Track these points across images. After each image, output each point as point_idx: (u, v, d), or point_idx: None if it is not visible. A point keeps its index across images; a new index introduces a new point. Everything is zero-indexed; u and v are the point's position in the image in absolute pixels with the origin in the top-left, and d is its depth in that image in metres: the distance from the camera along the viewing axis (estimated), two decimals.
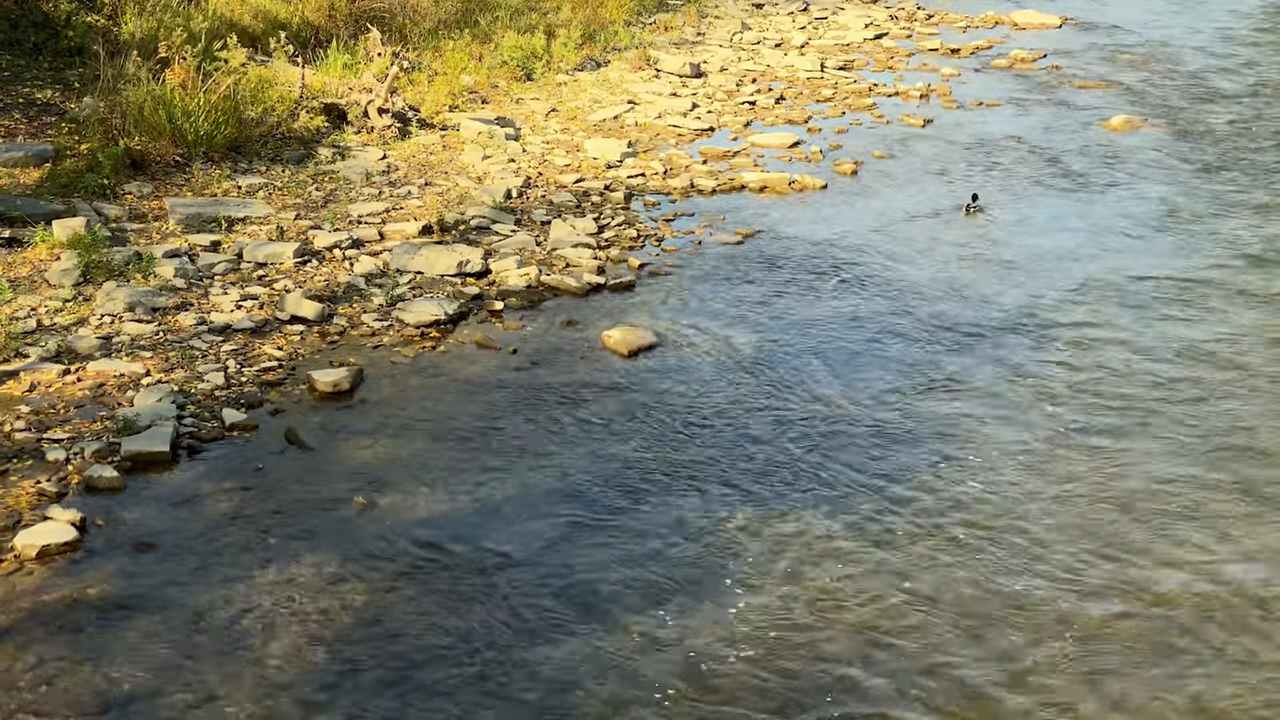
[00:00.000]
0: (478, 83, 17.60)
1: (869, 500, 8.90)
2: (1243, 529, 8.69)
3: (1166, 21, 22.93)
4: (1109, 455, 9.52)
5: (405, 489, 8.85)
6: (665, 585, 7.97)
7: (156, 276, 11.44)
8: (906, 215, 14.09)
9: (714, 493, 8.95)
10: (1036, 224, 13.94)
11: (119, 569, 7.89)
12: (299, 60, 15.99)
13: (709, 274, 12.42)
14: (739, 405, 10.11)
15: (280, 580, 7.86)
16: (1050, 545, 8.43)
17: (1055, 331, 11.46)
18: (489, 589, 7.89)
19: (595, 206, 13.89)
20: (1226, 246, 13.40)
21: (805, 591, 7.96)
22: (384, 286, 11.61)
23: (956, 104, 18.14)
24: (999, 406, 10.18)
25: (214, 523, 8.38)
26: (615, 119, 16.80)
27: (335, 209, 13.22)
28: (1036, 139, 16.54)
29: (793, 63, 19.77)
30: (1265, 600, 7.99)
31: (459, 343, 10.92)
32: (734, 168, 15.29)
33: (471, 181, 14.26)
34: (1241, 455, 9.58)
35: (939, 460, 9.41)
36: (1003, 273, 12.67)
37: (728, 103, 17.81)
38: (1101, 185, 15.10)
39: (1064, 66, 20.07)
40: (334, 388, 9.99)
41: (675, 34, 21.09)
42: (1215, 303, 12.07)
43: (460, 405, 9.96)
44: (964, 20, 23.00)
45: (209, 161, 13.91)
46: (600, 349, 10.93)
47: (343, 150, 14.83)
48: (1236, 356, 11.08)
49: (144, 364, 10.12)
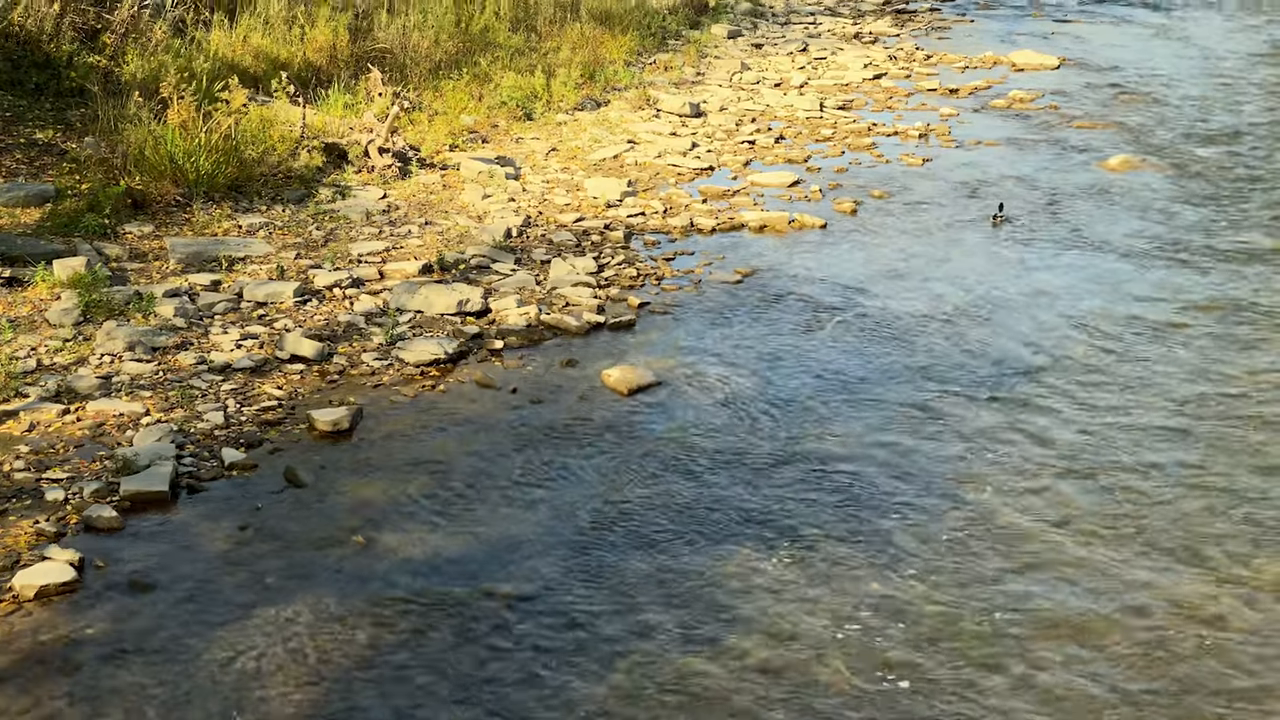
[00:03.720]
0: (478, 122, 17.66)
1: (865, 544, 8.88)
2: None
3: (1165, 62, 23.02)
4: (1109, 498, 9.50)
5: (405, 528, 8.83)
6: (666, 626, 7.94)
7: (156, 316, 11.45)
8: (906, 254, 14.10)
9: (715, 533, 8.92)
10: (1033, 264, 13.96)
11: (118, 609, 7.86)
12: (300, 100, 16.04)
13: (709, 313, 12.43)
14: (739, 445, 10.09)
15: (279, 620, 7.83)
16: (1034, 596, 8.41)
17: (1053, 376, 11.45)
18: (490, 629, 7.86)
19: (595, 245, 13.91)
20: (1227, 288, 13.40)
21: (803, 634, 7.93)
22: (384, 325, 11.62)
23: (955, 143, 18.19)
24: (998, 448, 10.16)
25: (213, 562, 8.35)
26: (615, 158, 16.84)
27: (335, 248, 13.24)
28: (1035, 179, 16.57)
29: (792, 102, 19.83)
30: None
31: (459, 382, 10.92)
32: (733, 207, 15.32)
33: (471, 220, 14.29)
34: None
35: (938, 503, 9.38)
36: (1002, 313, 12.67)
37: (727, 142, 17.86)
38: (1100, 226, 15.12)
39: (1062, 106, 20.13)
40: (333, 427, 9.98)
41: (675, 74, 21.16)
42: (1221, 346, 12.06)
43: (460, 444, 9.95)
44: (962, 60, 23.08)
45: (210, 201, 13.94)
46: (600, 388, 10.93)
47: (343, 189, 14.86)
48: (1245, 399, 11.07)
49: (143, 403, 10.12)
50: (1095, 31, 25.39)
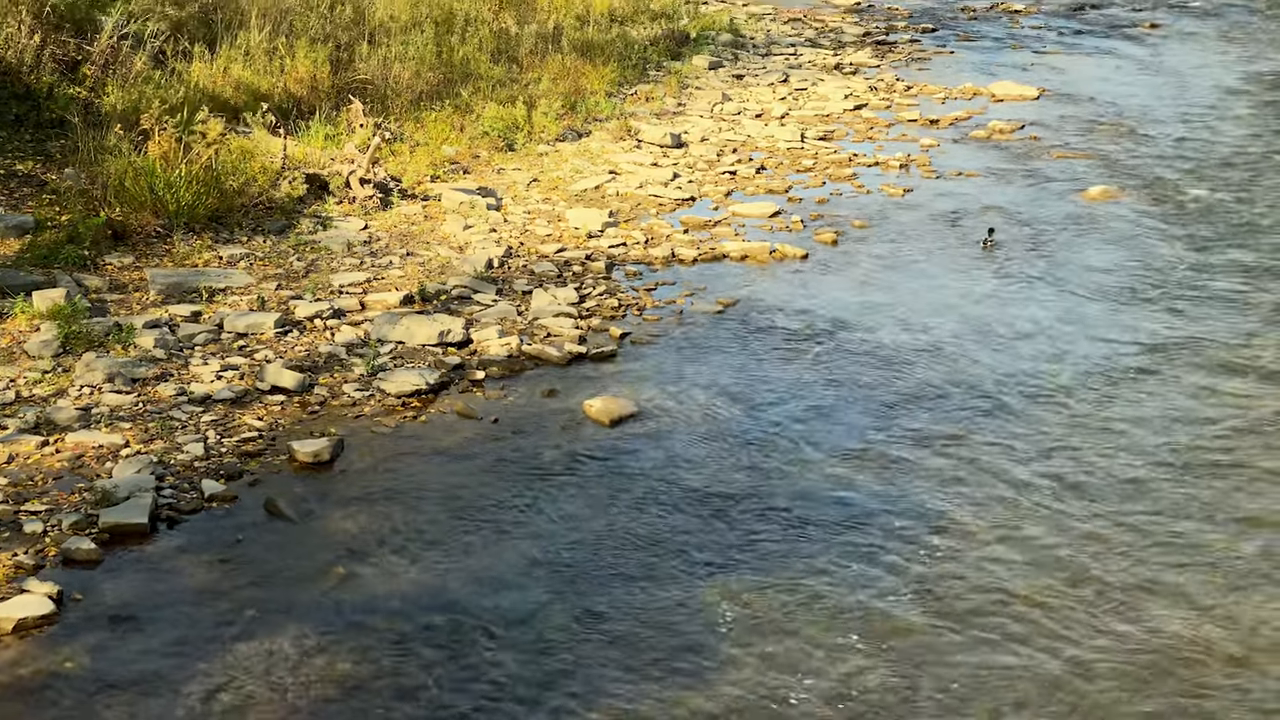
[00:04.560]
0: (459, 153, 17.67)
1: (847, 575, 8.87)
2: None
3: (1143, 93, 23.14)
4: (1086, 528, 9.52)
5: (386, 560, 8.80)
6: (645, 658, 7.92)
7: (136, 347, 11.41)
8: (887, 284, 14.12)
9: (695, 564, 8.91)
10: (1013, 297, 13.97)
11: (97, 642, 7.81)
12: (281, 131, 16.04)
13: (690, 343, 12.43)
14: (720, 475, 10.08)
15: (260, 653, 7.79)
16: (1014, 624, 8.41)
17: (1031, 406, 11.48)
18: (470, 661, 7.83)
19: (577, 276, 13.90)
20: (1205, 320, 13.44)
21: (781, 667, 7.91)
22: (365, 356, 11.59)
23: (936, 174, 18.24)
24: (977, 478, 10.17)
25: (193, 595, 8.31)
26: (597, 189, 16.86)
27: (316, 279, 13.22)
28: (1016, 209, 16.62)
29: (773, 133, 19.88)
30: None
31: (440, 412, 10.89)
32: (715, 237, 15.34)
33: (453, 251, 14.28)
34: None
35: (918, 534, 9.39)
36: (981, 342, 12.68)
37: (709, 172, 17.89)
38: (1080, 258, 15.16)
39: (1042, 137, 20.22)
40: (314, 458, 9.94)
41: (656, 104, 21.21)
42: (1196, 377, 12.09)
43: (441, 475, 9.92)
44: (943, 91, 23.17)
45: (190, 232, 13.91)
46: (582, 418, 10.91)
47: (324, 220, 14.84)
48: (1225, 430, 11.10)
49: (123, 435, 10.08)
50: (1073, 63, 25.52)
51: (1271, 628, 8.43)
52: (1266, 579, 8.94)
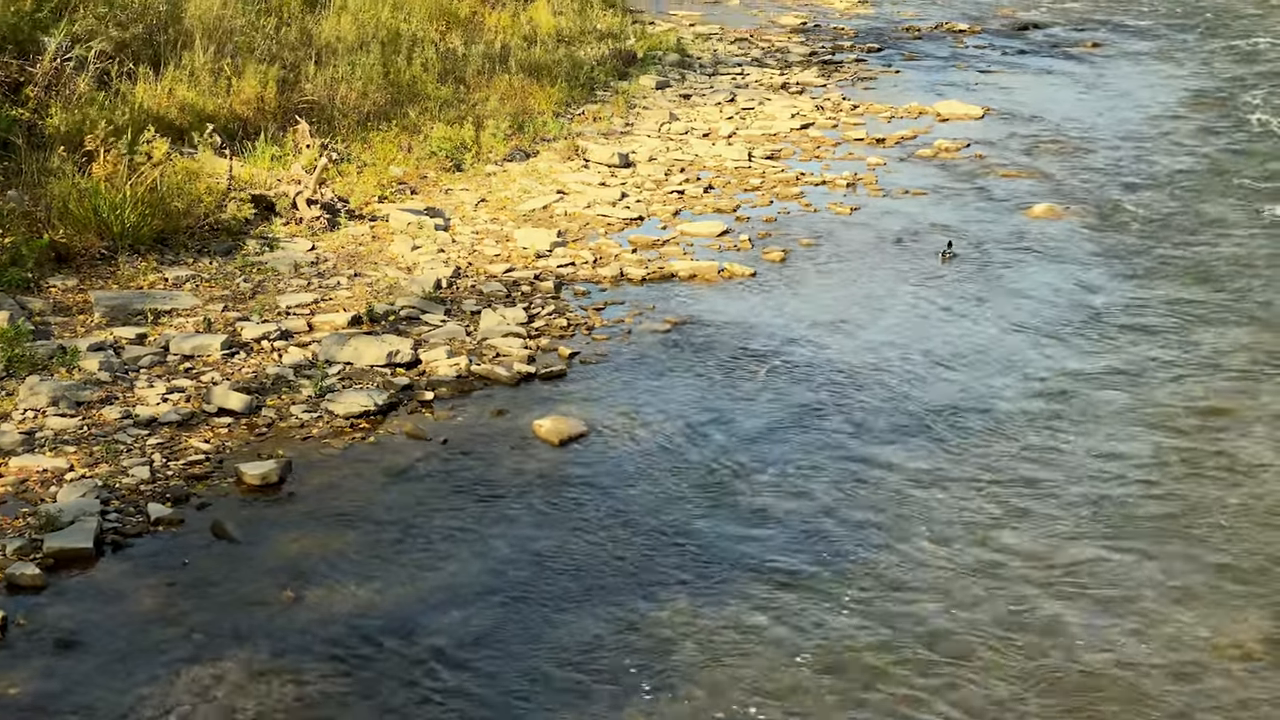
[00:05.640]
0: (407, 173, 17.63)
1: (794, 591, 8.90)
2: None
3: (1087, 112, 23.33)
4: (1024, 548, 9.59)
5: (335, 582, 8.76)
6: (594, 678, 7.91)
7: (81, 370, 11.32)
8: (834, 301, 14.18)
9: (644, 584, 8.91)
10: (959, 312, 14.05)
11: (41, 668, 7.73)
12: (226, 152, 15.96)
13: (639, 362, 12.44)
14: (669, 494, 10.10)
15: (207, 676, 7.73)
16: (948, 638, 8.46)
17: (975, 421, 11.55)
18: (419, 682, 7.80)
19: (525, 296, 13.89)
20: (1146, 338, 13.56)
21: (733, 687, 7.92)
22: (313, 378, 11.54)
23: (883, 192, 18.34)
24: (925, 493, 10.23)
25: (139, 619, 8.24)
26: (545, 209, 16.86)
27: (263, 300, 13.15)
28: (962, 227, 16.72)
29: (721, 152, 19.94)
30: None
31: (389, 433, 10.86)
32: (663, 256, 15.37)
33: (401, 272, 14.24)
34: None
35: (868, 550, 9.43)
36: (926, 362, 12.75)
37: (656, 192, 17.92)
38: (1023, 274, 15.27)
39: (987, 156, 20.36)
40: (262, 480, 9.89)
41: (604, 124, 21.23)
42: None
43: (391, 496, 9.88)
44: (889, 110, 23.29)
45: (135, 254, 13.81)
46: (531, 438, 10.90)
47: (271, 241, 14.77)
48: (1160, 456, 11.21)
49: (68, 459, 9.99)
50: (1018, 82, 25.73)
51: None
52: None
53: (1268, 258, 15.85)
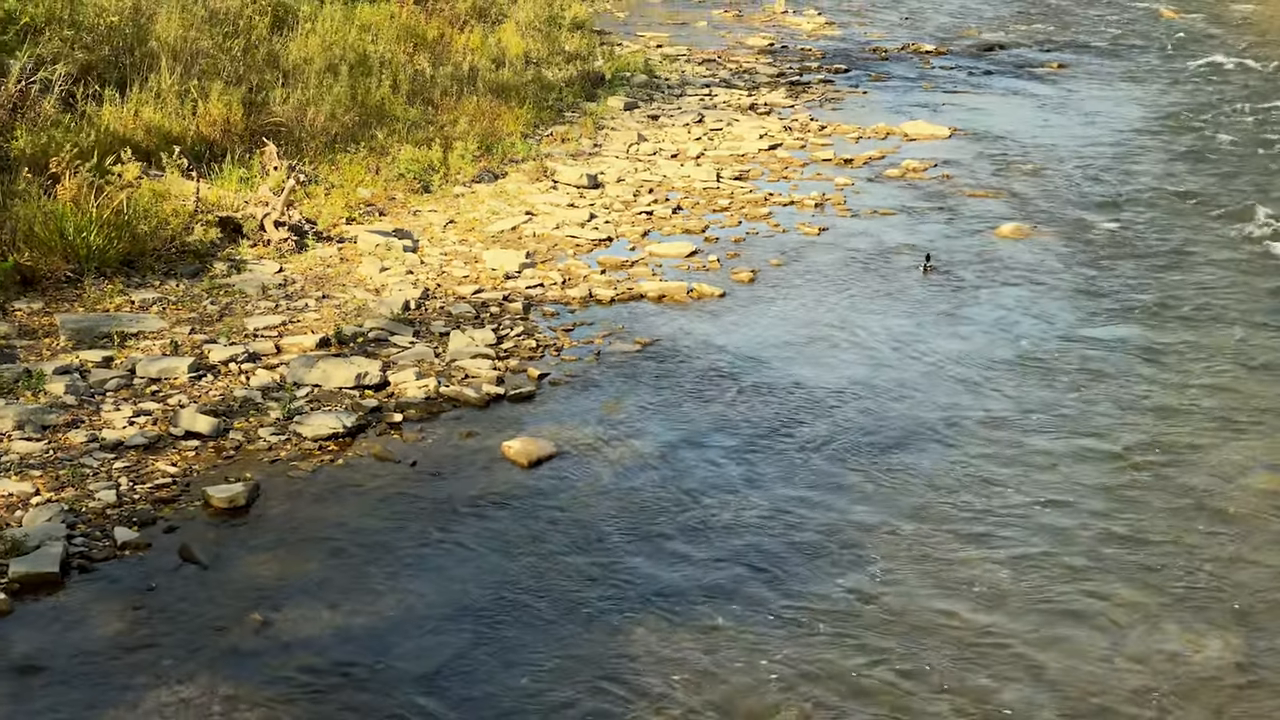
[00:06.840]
0: (375, 195, 17.60)
1: (765, 612, 8.89)
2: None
3: (1054, 132, 23.47)
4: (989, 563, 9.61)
5: (303, 606, 8.71)
6: (564, 697, 7.89)
7: (46, 394, 11.24)
8: (803, 322, 14.20)
9: (614, 606, 8.89)
10: (928, 332, 14.09)
11: (6, 694, 7.67)
12: (194, 174, 15.90)
13: (609, 383, 12.43)
14: (639, 515, 10.08)
15: (174, 702, 7.67)
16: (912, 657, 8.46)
17: (939, 446, 11.58)
18: (387, 707, 7.75)
19: (494, 317, 13.87)
20: (1118, 356, 13.63)
21: (704, 706, 7.91)
22: (281, 400, 11.48)
23: (851, 213, 18.39)
24: (896, 512, 10.25)
25: (106, 644, 8.18)
26: (513, 230, 16.85)
27: (231, 323, 13.10)
28: (930, 246, 16.77)
29: (689, 173, 19.97)
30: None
31: (358, 456, 10.81)
32: (632, 277, 15.37)
33: (369, 294, 14.20)
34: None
35: (839, 574, 9.43)
36: (894, 381, 12.78)
37: (625, 213, 17.93)
38: (992, 293, 15.33)
39: (954, 176, 20.44)
40: (230, 503, 9.83)
41: (572, 145, 21.24)
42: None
43: (359, 519, 9.84)
44: (856, 131, 23.37)
45: (101, 277, 13.74)
46: (501, 460, 10.87)
47: (239, 264, 14.72)
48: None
49: (33, 483, 9.92)
50: (985, 102, 25.86)
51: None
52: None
53: (1233, 275, 15.97)
